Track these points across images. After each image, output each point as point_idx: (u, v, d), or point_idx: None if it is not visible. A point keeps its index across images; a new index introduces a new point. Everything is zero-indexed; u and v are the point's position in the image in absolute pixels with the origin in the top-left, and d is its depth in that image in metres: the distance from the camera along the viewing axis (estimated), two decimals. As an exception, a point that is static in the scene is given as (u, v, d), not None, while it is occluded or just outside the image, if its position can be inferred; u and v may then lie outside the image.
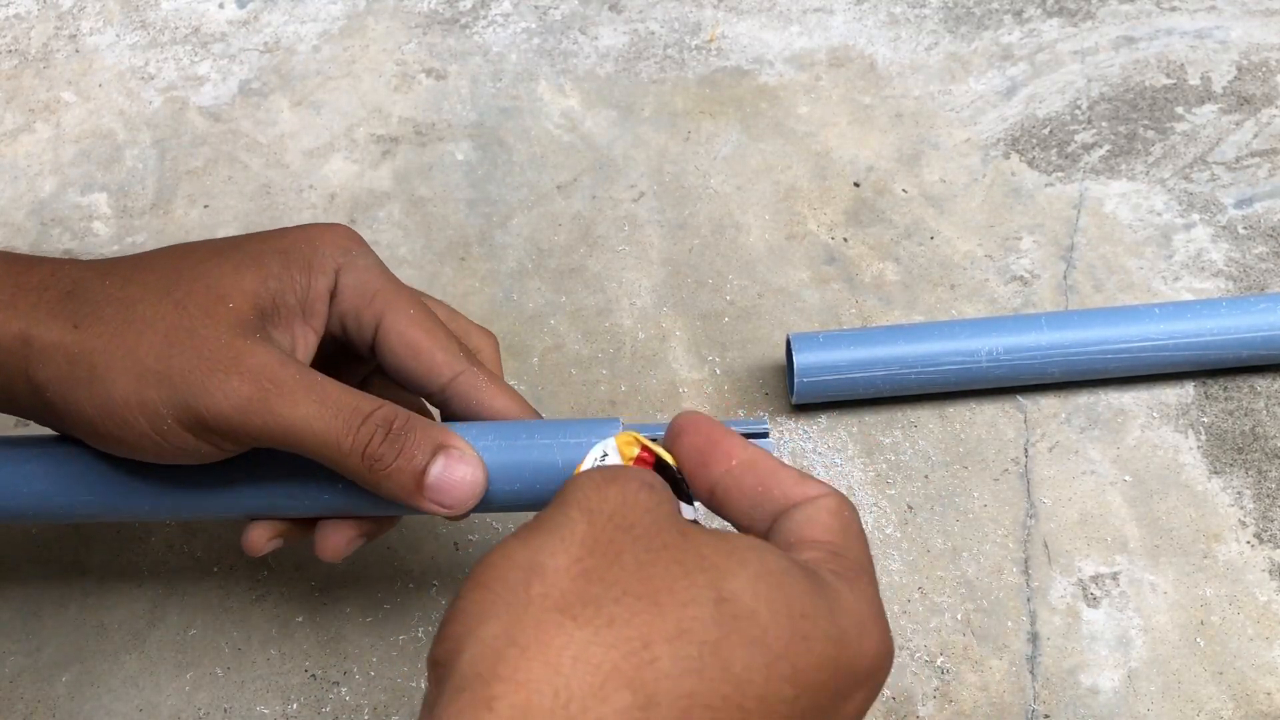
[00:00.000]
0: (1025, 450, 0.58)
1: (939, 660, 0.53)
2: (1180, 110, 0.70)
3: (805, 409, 0.59)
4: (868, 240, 0.65)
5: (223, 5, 0.77)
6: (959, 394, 0.59)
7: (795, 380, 0.57)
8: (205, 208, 0.68)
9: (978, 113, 0.71)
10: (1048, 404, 0.59)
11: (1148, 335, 0.58)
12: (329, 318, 0.46)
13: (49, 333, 0.42)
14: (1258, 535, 0.56)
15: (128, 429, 0.42)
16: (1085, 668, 0.52)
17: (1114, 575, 0.55)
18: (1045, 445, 0.58)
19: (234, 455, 0.44)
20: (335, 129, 0.71)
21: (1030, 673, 0.52)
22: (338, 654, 0.53)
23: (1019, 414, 0.59)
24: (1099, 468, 0.58)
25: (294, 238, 0.45)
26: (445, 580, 0.55)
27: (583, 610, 0.32)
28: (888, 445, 0.58)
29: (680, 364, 0.61)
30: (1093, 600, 0.54)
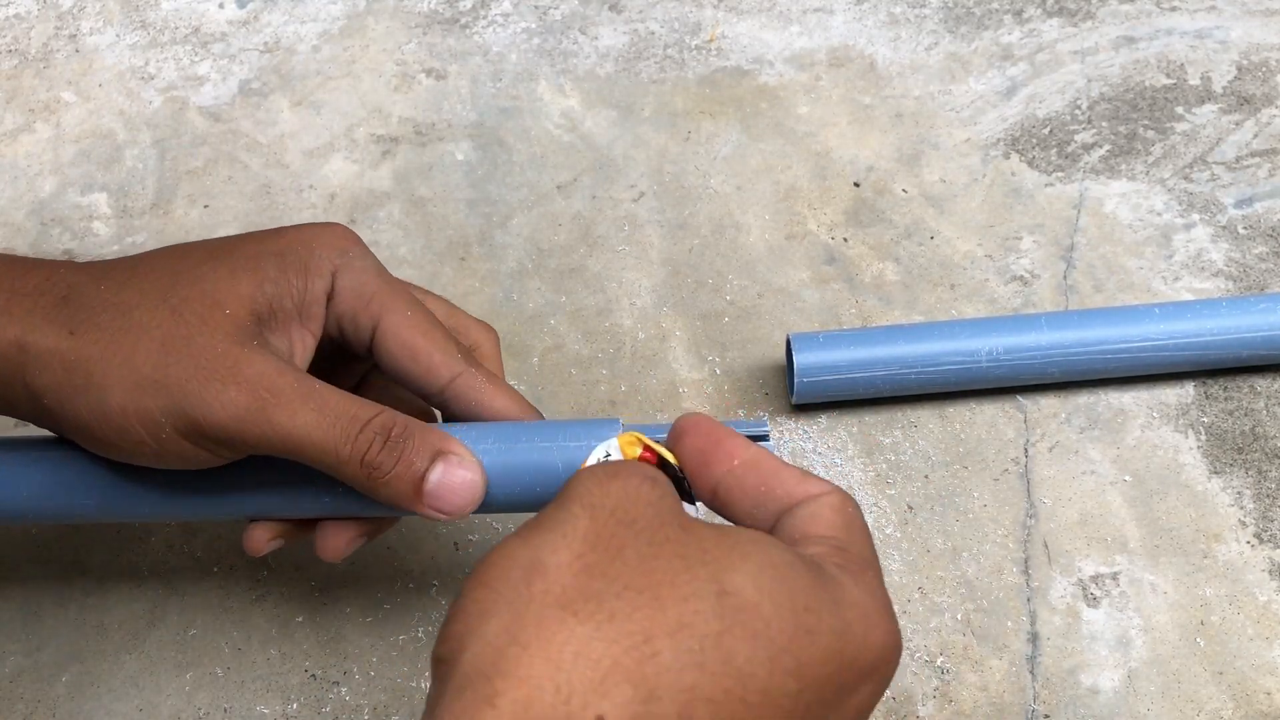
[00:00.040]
0: (1025, 450, 0.58)
1: (939, 660, 0.53)
2: (1180, 110, 0.70)
3: (805, 409, 0.59)
4: (868, 240, 0.65)
5: (223, 5, 0.77)
6: (959, 394, 0.59)
7: (795, 380, 0.57)
8: (205, 208, 0.68)
9: (978, 113, 0.71)
10: (1048, 404, 0.59)
11: (1148, 335, 0.58)
12: (326, 320, 0.46)
13: (45, 339, 0.42)
14: (1258, 535, 0.56)
15: (125, 436, 0.42)
16: (1085, 668, 0.52)
17: (1114, 575, 0.55)
18: (1045, 445, 0.58)
19: (233, 460, 0.44)
20: (335, 129, 0.71)
21: (1030, 673, 0.52)
22: (338, 654, 0.53)
23: (1019, 414, 0.59)
24: (1099, 468, 0.58)
25: (290, 240, 0.45)
26: (445, 580, 0.55)
27: (584, 606, 0.32)
28: (888, 445, 0.58)
29: (680, 364, 0.61)
30: (1093, 600, 0.54)
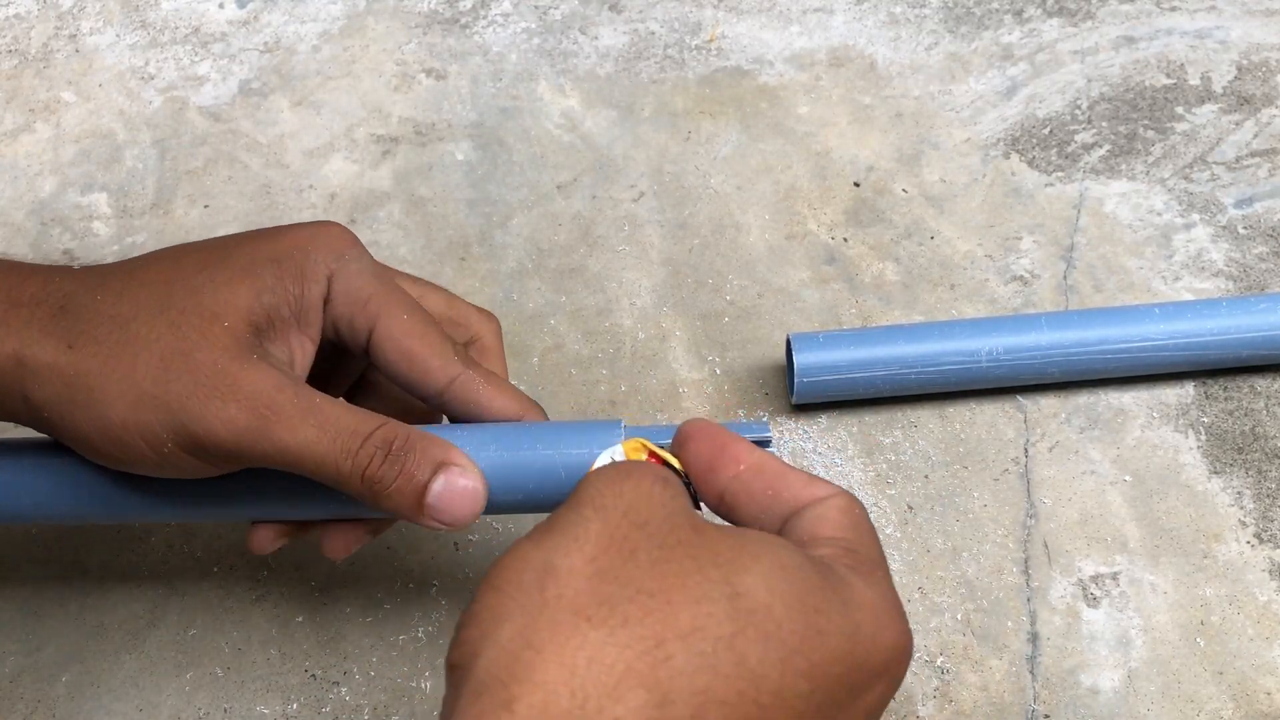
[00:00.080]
0: (1025, 450, 0.58)
1: (939, 660, 0.53)
2: (1180, 110, 0.70)
3: (805, 409, 0.59)
4: (868, 240, 0.65)
5: (223, 5, 0.77)
6: (959, 394, 0.59)
7: (795, 380, 0.57)
8: (205, 208, 0.68)
9: (978, 113, 0.71)
10: (1048, 404, 0.59)
11: (1148, 335, 0.58)
12: (324, 324, 0.46)
13: (43, 353, 0.41)
14: (1258, 535, 0.56)
15: (127, 450, 0.42)
16: (1085, 668, 0.52)
17: (1114, 575, 0.55)
18: (1045, 445, 0.58)
19: (235, 471, 0.44)
20: (335, 129, 0.71)
21: (1030, 673, 0.52)
22: (338, 654, 0.53)
23: (1019, 414, 0.59)
24: (1099, 468, 0.58)
25: (287, 244, 0.45)
26: (445, 580, 0.55)
27: (597, 610, 0.32)
28: (888, 445, 0.58)
29: (680, 364, 0.61)
30: (1093, 600, 0.54)
